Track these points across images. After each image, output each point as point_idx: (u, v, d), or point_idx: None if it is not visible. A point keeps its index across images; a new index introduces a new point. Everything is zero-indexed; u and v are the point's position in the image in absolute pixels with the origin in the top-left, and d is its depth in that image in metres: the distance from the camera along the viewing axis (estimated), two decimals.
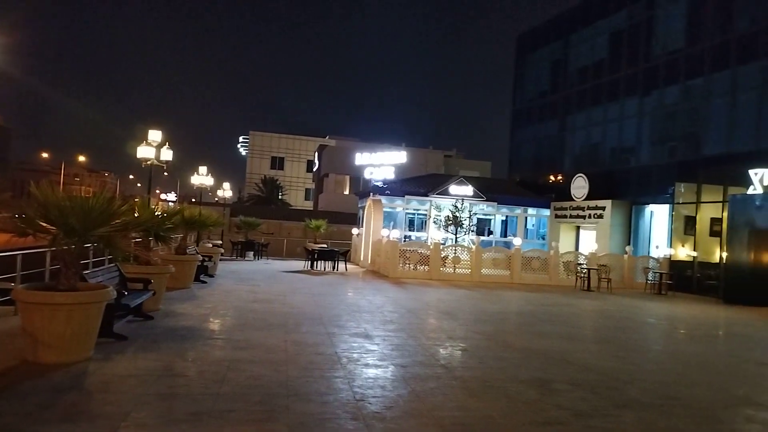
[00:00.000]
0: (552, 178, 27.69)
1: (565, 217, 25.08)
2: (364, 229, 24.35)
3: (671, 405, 5.86)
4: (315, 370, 6.20)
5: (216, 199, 30.90)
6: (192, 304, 10.36)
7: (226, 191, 32.52)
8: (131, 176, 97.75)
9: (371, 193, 24.67)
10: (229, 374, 5.78)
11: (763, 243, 16.71)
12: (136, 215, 7.99)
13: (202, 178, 27.34)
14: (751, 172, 16.62)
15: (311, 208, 51.60)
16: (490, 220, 29.07)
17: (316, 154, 55.05)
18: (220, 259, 17.65)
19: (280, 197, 61.65)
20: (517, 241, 20.73)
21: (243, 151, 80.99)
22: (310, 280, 16.33)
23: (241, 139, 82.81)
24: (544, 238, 26.90)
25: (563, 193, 25.23)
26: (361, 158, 33.57)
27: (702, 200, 19.46)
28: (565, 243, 24.58)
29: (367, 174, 32.07)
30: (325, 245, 23.03)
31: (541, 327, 10.66)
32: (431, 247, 19.49)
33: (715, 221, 19.03)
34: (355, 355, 7.05)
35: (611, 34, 24.89)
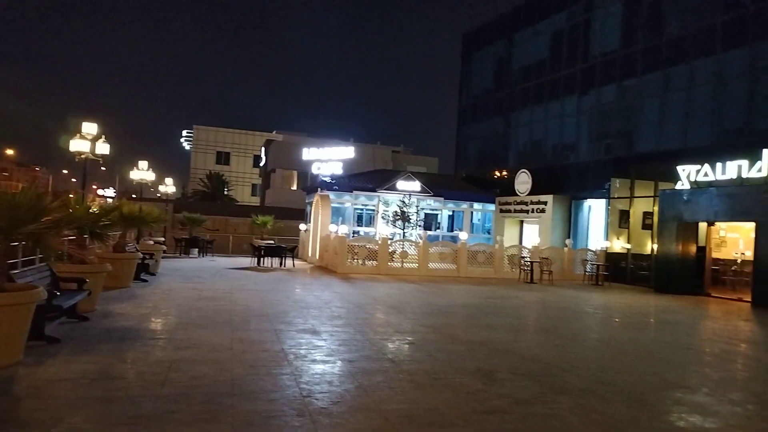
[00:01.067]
0: (497, 173, 28.35)
1: (509, 211, 25.76)
2: (312, 224, 24.17)
3: (606, 390, 6.15)
4: (261, 367, 6.12)
5: (158, 195, 29.86)
6: (131, 304, 9.99)
7: (168, 187, 31.47)
8: (65, 171, 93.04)
9: (319, 189, 24.51)
10: (171, 375, 5.61)
11: (689, 235, 17.75)
12: (69, 212, 7.61)
13: (142, 173, 26.33)
14: (680, 168, 17.60)
15: (258, 204, 50.71)
16: (437, 215, 29.45)
17: (263, 149, 54.11)
18: (163, 257, 17.09)
19: (225, 193, 60.25)
20: (463, 236, 21.13)
21: (187, 146, 78.50)
22: (257, 277, 16.07)
23: (184, 133, 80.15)
24: (489, 233, 27.53)
25: (508, 188, 25.90)
26: (308, 153, 33.26)
27: (635, 195, 20.45)
28: (509, 237, 25.27)
29: (314, 169, 31.82)
30: (272, 241, 22.71)
31: (486, 319, 10.93)
32: (379, 242, 19.59)
33: (647, 215, 20.05)
34: (302, 352, 7.01)
35: (552, 35, 25.70)
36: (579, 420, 5.09)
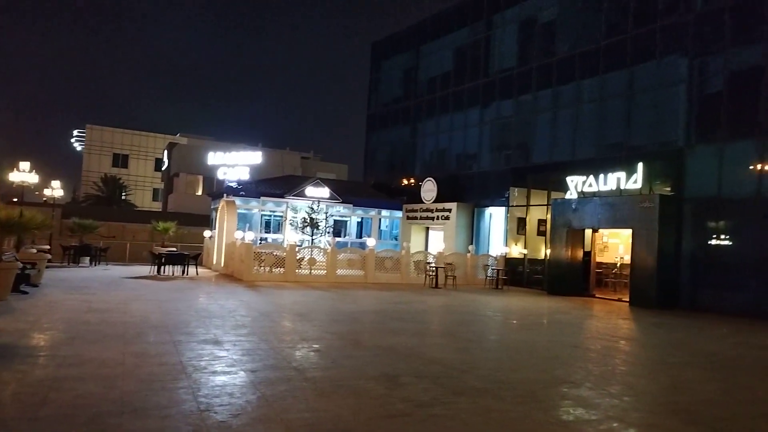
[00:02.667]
0: (404, 181, 29.00)
1: (416, 218, 26.43)
2: (217, 231, 23.34)
3: (501, 389, 6.49)
4: (156, 382, 5.81)
5: (44, 199, 27.39)
6: (8, 318, 9.10)
7: (56, 190, 28.99)
8: None
9: (225, 194, 23.73)
10: (51, 395, 5.18)
11: (577, 241, 19.20)
12: None
13: (23, 174, 24.03)
14: (569, 179, 19.02)
15: (160, 210, 48.11)
16: (346, 221, 29.58)
17: (166, 152, 51.50)
18: (48, 266, 15.73)
19: (123, 197, 56.55)
20: (371, 242, 21.38)
21: (78, 147, 72.73)
22: (156, 286, 15.24)
23: (75, 133, 74.18)
24: (396, 239, 28.07)
25: (414, 195, 26.57)
26: (214, 158, 32.07)
27: (531, 203, 21.80)
28: (415, 243, 25.90)
29: (220, 174, 30.71)
30: (174, 248, 21.65)
31: (392, 324, 11.12)
32: (287, 249, 19.32)
33: (541, 222, 21.44)
34: (202, 363, 6.74)
35: (456, 49, 26.81)
36: (476, 419, 5.33)
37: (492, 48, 24.74)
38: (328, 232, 23.74)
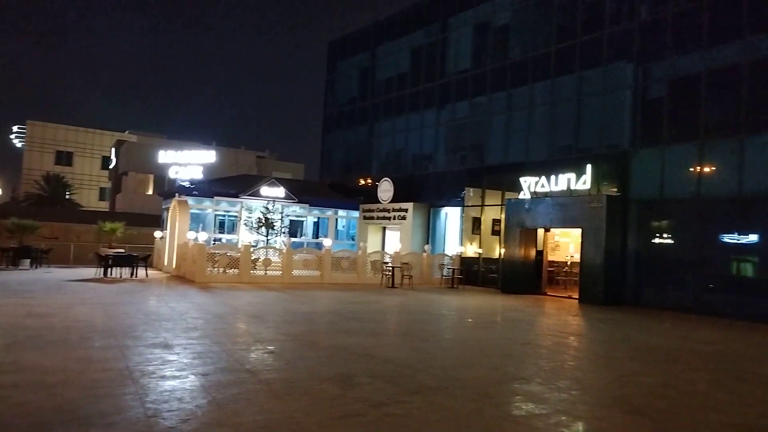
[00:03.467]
0: (361, 181, 28.99)
1: (372, 218, 26.46)
2: (168, 231, 22.69)
3: (454, 386, 6.57)
4: (100, 388, 5.59)
5: None
6: None
7: None
8: None
9: (177, 194, 23.09)
10: None
11: (530, 240, 19.68)
12: None
13: None
14: (522, 179, 19.48)
15: (107, 210, 46.36)
16: (302, 221, 29.31)
17: (113, 149, 49.68)
18: None
19: (67, 197, 54.16)
20: (327, 242, 21.27)
21: (18, 143, 69.21)
22: (103, 289, 14.68)
23: (15, 129, 70.53)
24: (353, 239, 28.02)
25: (371, 195, 26.60)
26: (165, 156, 31.17)
27: (486, 203, 22.19)
28: (372, 243, 25.94)
29: (172, 173, 29.90)
30: (122, 250, 20.91)
31: (348, 324, 11.10)
32: (242, 249, 18.98)
33: (496, 222, 21.85)
34: (150, 368, 6.54)
35: (412, 50, 27.01)
36: (429, 417, 5.38)
37: (448, 50, 25.05)
38: (284, 233, 23.46)
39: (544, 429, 5.29)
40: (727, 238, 15.28)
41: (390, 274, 19.96)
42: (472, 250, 22.65)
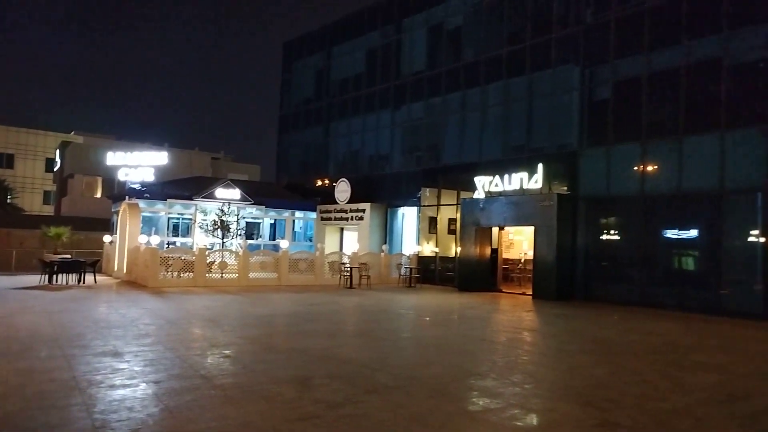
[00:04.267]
0: (318, 182, 28.85)
1: (330, 219, 26.38)
2: (119, 235, 21.97)
3: (412, 384, 6.66)
4: (44, 400, 5.39)
5: None
6: None
7: None
8: None
9: (127, 197, 22.40)
10: None
11: (485, 239, 20.06)
12: None
13: None
14: (476, 179, 19.84)
15: (52, 214, 44.44)
16: (259, 223, 28.92)
17: (58, 151, 47.68)
18: None
19: (9, 201, 51.58)
20: (284, 244, 21.07)
21: None
22: (48, 297, 14.09)
23: None
24: (311, 240, 27.86)
25: (328, 196, 26.51)
26: (114, 158, 30.15)
27: (442, 203, 22.49)
28: (330, 244, 25.85)
29: (122, 175, 28.95)
30: (68, 255, 20.10)
31: (306, 326, 11.05)
32: (196, 252, 18.58)
33: (452, 221, 22.18)
34: (98, 377, 6.34)
35: (368, 51, 27.08)
36: (386, 416, 5.44)
37: (403, 51, 25.24)
38: (240, 235, 23.10)
39: (498, 423, 5.43)
40: (669, 234, 16.02)
41: (348, 274, 19.95)
42: (429, 249, 22.90)
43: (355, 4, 28.02)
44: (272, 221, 29.13)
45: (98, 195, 40.77)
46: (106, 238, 23.80)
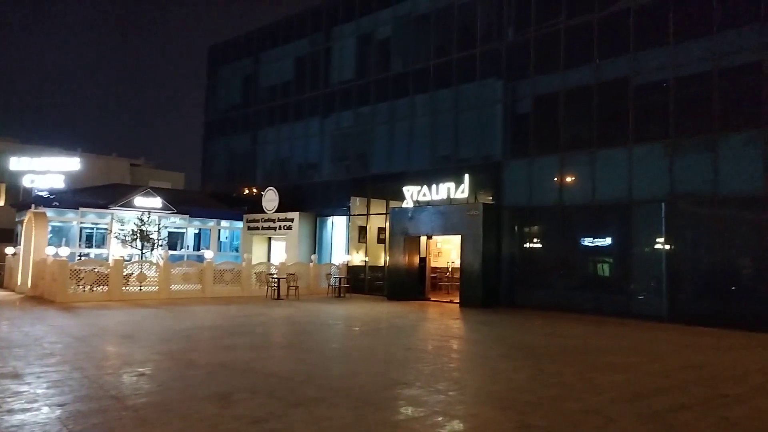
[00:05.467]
0: (246, 190, 28.15)
1: (257, 228, 25.79)
2: (23, 247, 20.37)
3: (338, 396, 6.57)
4: None
5: None
6: None
7: None
8: None
9: (33, 205, 20.83)
10: None
11: (413, 248, 20.31)
12: None
13: None
14: (405, 188, 20.08)
15: None
16: (182, 233, 27.81)
17: None
18: None
19: None
20: (209, 254, 20.33)
21: None
22: None
23: None
24: (237, 250, 27.10)
25: (256, 205, 25.92)
26: (19, 163, 27.85)
27: (371, 212, 22.58)
28: (257, 254, 25.25)
29: (27, 182, 26.81)
30: None
31: (230, 340, 10.68)
32: (112, 264, 17.54)
33: (381, 230, 22.29)
34: None
35: (296, 59, 26.84)
36: (310, 429, 5.32)
37: (332, 60, 25.22)
38: (161, 245, 22.05)
39: (421, 431, 5.45)
40: (586, 242, 16.92)
41: (276, 285, 19.54)
42: (358, 258, 22.89)
43: (283, 10, 27.70)
44: (197, 231, 28.09)
45: (0, 203, 37.65)
46: (9, 250, 22.02)
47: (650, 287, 15.49)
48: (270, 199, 25.16)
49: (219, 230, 27.07)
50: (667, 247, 15.14)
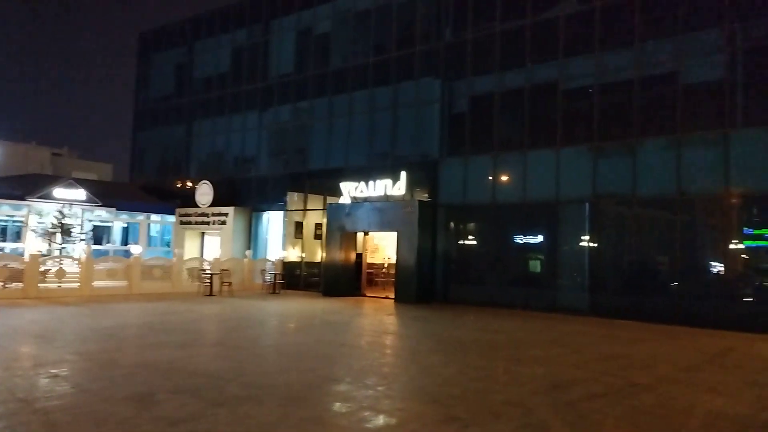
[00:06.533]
0: (178, 183, 27.18)
1: (190, 223, 24.98)
2: None
3: (265, 394, 6.47)
4: None
5: None
6: None
7: None
8: None
9: None
10: None
11: (350, 244, 20.32)
12: None
13: None
14: (342, 184, 20.04)
15: None
16: (109, 227, 26.55)
17: None
18: None
19: None
20: (136, 249, 19.49)
21: None
22: None
23: None
24: (169, 245, 26.16)
25: (189, 199, 25.09)
26: None
27: (308, 208, 22.38)
28: (190, 249, 24.48)
29: None
30: None
31: (156, 338, 10.30)
32: (27, 259, 16.48)
33: (318, 226, 22.14)
34: None
35: (233, 50, 26.14)
36: (233, 429, 5.22)
37: (270, 52, 24.74)
38: (83, 240, 20.93)
39: (347, 426, 5.48)
40: (517, 240, 17.50)
41: (208, 281, 19.00)
42: (294, 254, 22.64)
43: (218, 0, 26.88)
44: (125, 225, 26.93)
45: None
46: None
47: (574, 283, 16.24)
48: (204, 192, 24.43)
49: (149, 224, 26.03)
50: (590, 244, 15.93)
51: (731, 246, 13.98)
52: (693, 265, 14.57)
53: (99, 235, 26.07)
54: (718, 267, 14.28)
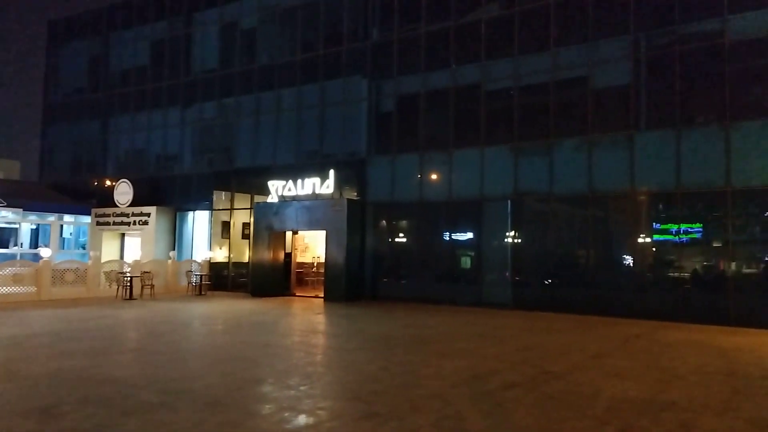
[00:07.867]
0: (95, 182, 25.69)
1: (108, 224, 23.71)
2: None
3: (180, 399, 6.25)
4: None
5: None
6: None
7: None
8: None
9: None
10: None
11: (279, 243, 20.01)
12: None
13: None
14: (270, 183, 19.70)
15: None
16: (15, 229, 24.71)
17: None
18: None
19: None
20: (45, 253, 18.24)
21: None
22: None
23: None
24: (84, 248, 24.69)
25: (107, 199, 23.80)
26: None
27: (235, 207, 21.82)
28: (108, 251, 23.25)
29: None
30: None
31: (65, 345, 9.68)
32: None
33: (246, 225, 21.64)
34: None
35: (153, 42, 25.01)
36: None
37: (193, 47, 23.88)
38: None
39: (266, 429, 5.40)
40: (444, 237, 17.89)
41: (128, 284, 18.10)
42: (221, 254, 22.01)
43: None
44: (34, 227, 25.15)
45: None
46: None
47: (499, 278, 16.82)
48: (123, 192, 23.25)
49: (61, 226, 24.46)
50: (513, 241, 16.55)
51: (640, 240, 14.97)
52: (607, 259, 15.49)
53: (5, 237, 24.24)
54: (628, 260, 15.24)
